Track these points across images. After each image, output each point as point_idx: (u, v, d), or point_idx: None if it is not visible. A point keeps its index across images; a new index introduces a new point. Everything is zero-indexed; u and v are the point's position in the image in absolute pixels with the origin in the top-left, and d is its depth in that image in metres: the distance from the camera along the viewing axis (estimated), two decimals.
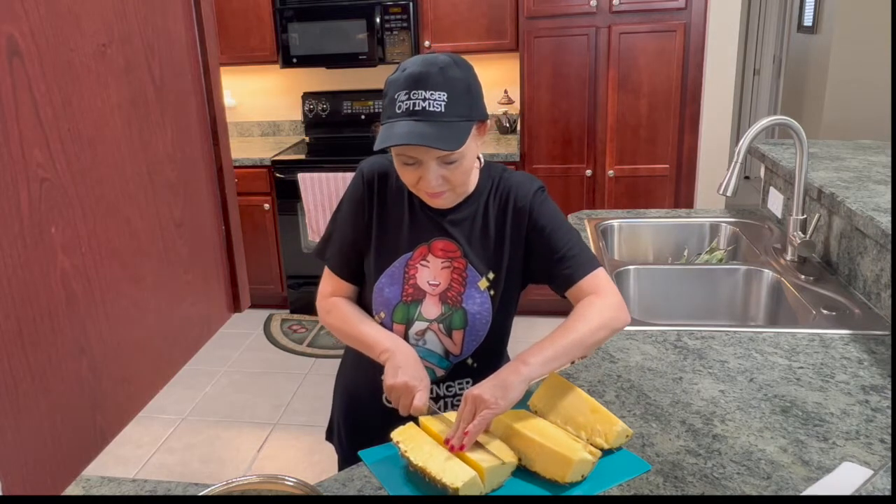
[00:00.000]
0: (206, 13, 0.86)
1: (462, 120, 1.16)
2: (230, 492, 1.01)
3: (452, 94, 1.15)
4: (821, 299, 1.67)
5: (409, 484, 1.08)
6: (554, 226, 1.28)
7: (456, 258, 1.30)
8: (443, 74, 1.15)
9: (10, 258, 0.57)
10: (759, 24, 6.18)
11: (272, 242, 4.00)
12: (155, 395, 0.80)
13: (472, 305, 1.29)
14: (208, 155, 0.89)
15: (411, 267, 1.31)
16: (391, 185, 1.33)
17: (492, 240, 1.30)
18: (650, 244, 2.36)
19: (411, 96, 1.14)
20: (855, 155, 2.20)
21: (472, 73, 1.21)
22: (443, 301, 1.30)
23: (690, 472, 1.07)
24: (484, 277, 1.29)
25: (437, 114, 1.14)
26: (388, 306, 1.31)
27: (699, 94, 3.45)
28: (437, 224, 1.30)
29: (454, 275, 1.30)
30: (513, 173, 1.34)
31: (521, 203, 1.29)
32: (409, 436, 1.11)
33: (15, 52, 0.57)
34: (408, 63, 1.18)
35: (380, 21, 3.76)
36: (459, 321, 1.29)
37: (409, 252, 1.31)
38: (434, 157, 1.17)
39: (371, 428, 1.29)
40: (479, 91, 1.22)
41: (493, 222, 1.30)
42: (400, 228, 1.32)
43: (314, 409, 3.17)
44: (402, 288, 1.31)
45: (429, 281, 1.30)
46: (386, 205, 1.33)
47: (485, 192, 1.31)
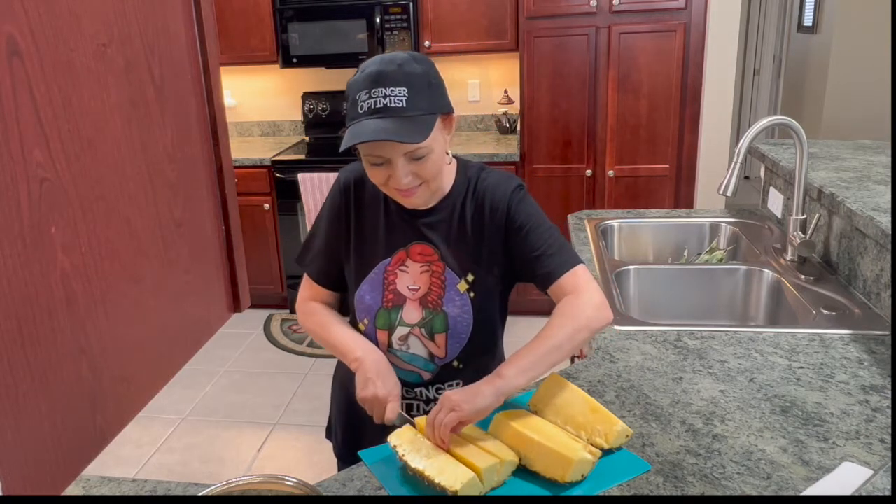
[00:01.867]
0: (206, 13, 0.86)
1: (425, 113, 1.16)
2: (230, 492, 1.01)
3: (413, 89, 1.15)
4: (821, 299, 1.67)
5: (408, 484, 1.08)
6: (532, 224, 1.27)
7: (434, 262, 1.29)
8: (402, 70, 1.15)
9: (10, 258, 0.57)
10: (759, 24, 6.18)
11: (272, 242, 4.00)
12: (155, 395, 0.80)
13: (452, 308, 1.29)
14: (208, 155, 0.89)
15: (390, 273, 1.31)
16: (367, 192, 1.33)
17: (469, 241, 1.29)
18: (650, 244, 2.35)
19: (372, 95, 1.14)
20: (855, 155, 2.20)
21: (433, 67, 1.21)
22: (423, 305, 1.30)
23: (690, 472, 1.07)
24: (463, 280, 1.29)
25: (399, 109, 1.14)
26: (369, 313, 1.32)
27: (699, 94, 3.45)
28: (414, 228, 1.30)
29: (433, 279, 1.29)
30: (490, 172, 1.33)
31: (499, 203, 1.27)
32: (406, 439, 1.11)
33: (15, 52, 0.57)
34: (367, 64, 1.19)
35: (380, 21, 3.76)
36: (441, 325, 1.30)
37: (388, 258, 1.31)
38: (401, 153, 1.17)
39: (366, 424, 1.30)
40: (440, 85, 1.21)
41: (469, 223, 1.29)
42: (377, 234, 1.32)
43: (314, 409, 3.17)
44: (382, 294, 1.31)
45: (408, 286, 1.30)
46: (363, 211, 1.33)
47: (461, 193, 1.31)
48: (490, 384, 1.12)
